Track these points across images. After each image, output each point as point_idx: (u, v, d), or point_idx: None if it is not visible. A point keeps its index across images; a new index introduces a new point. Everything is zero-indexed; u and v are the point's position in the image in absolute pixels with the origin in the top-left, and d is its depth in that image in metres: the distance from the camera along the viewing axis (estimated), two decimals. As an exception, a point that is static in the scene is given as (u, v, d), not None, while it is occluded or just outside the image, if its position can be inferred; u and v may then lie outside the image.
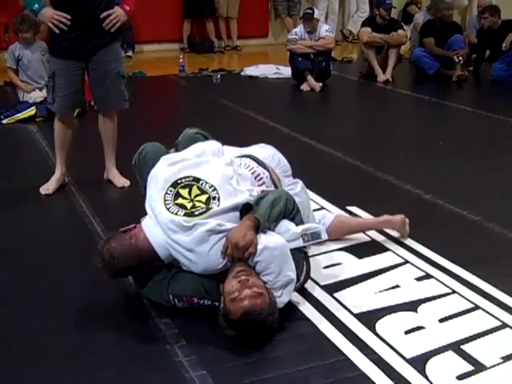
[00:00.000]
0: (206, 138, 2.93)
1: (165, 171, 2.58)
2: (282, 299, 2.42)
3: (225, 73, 7.92)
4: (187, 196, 2.50)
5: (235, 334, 2.31)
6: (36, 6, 3.46)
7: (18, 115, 5.57)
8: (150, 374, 2.18)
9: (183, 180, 2.55)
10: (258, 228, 2.43)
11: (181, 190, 2.52)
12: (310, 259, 2.94)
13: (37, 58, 6.17)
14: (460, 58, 7.30)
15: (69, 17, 3.45)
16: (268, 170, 2.85)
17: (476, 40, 8.02)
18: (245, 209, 2.50)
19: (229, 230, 2.42)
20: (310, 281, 2.76)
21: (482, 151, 4.71)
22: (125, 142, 4.33)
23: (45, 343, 2.36)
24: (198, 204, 2.48)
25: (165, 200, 2.49)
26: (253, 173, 2.77)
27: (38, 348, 2.33)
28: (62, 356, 2.29)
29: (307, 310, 2.55)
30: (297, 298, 2.62)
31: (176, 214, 2.44)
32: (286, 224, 2.55)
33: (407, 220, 3.18)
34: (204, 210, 2.46)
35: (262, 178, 2.78)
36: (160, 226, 2.45)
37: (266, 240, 2.43)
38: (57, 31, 3.47)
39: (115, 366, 2.23)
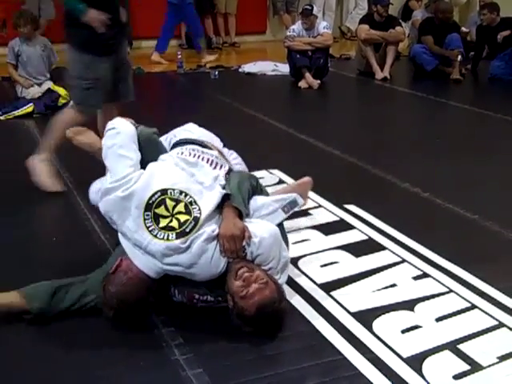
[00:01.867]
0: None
1: (130, 200, 2.41)
2: (281, 280, 2.47)
3: (223, 69, 7.91)
4: (166, 213, 2.40)
5: (253, 329, 2.32)
6: (80, 6, 3.49)
7: (16, 112, 5.55)
8: (146, 372, 2.18)
9: (153, 199, 2.42)
10: (241, 216, 2.45)
11: (157, 211, 2.40)
12: (307, 257, 2.96)
13: (36, 53, 6.14)
14: (459, 56, 7.30)
15: (110, 16, 3.54)
16: (211, 149, 2.80)
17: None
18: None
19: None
20: (307, 279, 2.77)
21: (480, 149, 4.71)
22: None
23: (42, 341, 2.36)
24: (181, 218, 2.38)
25: (147, 227, 2.37)
26: (202, 159, 2.68)
27: (36, 346, 2.33)
28: (59, 354, 2.29)
29: (304, 308, 2.54)
30: (294, 296, 2.62)
31: (168, 239, 2.35)
32: (257, 200, 2.59)
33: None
34: (193, 224, 2.37)
35: (213, 161, 2.70)
36: (152, 255, 2.36)
37: (259, 231, 2.43)
38: (103, 30, 3.53)
39: (111, 364, 2.22)
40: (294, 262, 2.84)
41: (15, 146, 4.87)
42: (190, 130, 3.00)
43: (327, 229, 3.26)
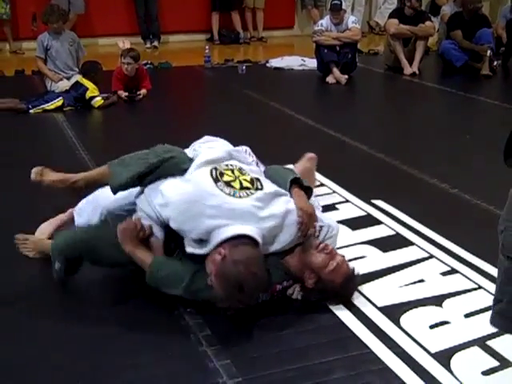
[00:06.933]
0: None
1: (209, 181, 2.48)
2: None
3: (250, 64, 7.92)
4: (232, 177, 2.49)
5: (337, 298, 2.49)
6: None
7: (45, 105, 5.61)
8: (173, 363, 2.20)
9: (213, 174, 2.50)
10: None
11: (224, 179, 2.48)
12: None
13: (65, 48, 6.24)
14: (489, 51, 7.22)
15: None
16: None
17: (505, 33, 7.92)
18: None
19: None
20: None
21: (510, 146, 4.65)
22: (151, 131, 4.33)
23: (69, 327, 2.39)
24: (247, 178, 2.51)
25: (228, 194, 2.43)
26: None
27: (59, 330, 2.36)
28: (86, 342, 2.31)
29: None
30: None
31: (251, 194, 2.46)
32: None
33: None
34: (260, 182, 2.52)
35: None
36: (247, 217, 2.39)
37: (331, 220, 2.75)
38: None
39: (139, 354, 2.24)
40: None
41: (44, 139, 4.93)
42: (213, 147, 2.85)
43: (354, 223, 3.25)
